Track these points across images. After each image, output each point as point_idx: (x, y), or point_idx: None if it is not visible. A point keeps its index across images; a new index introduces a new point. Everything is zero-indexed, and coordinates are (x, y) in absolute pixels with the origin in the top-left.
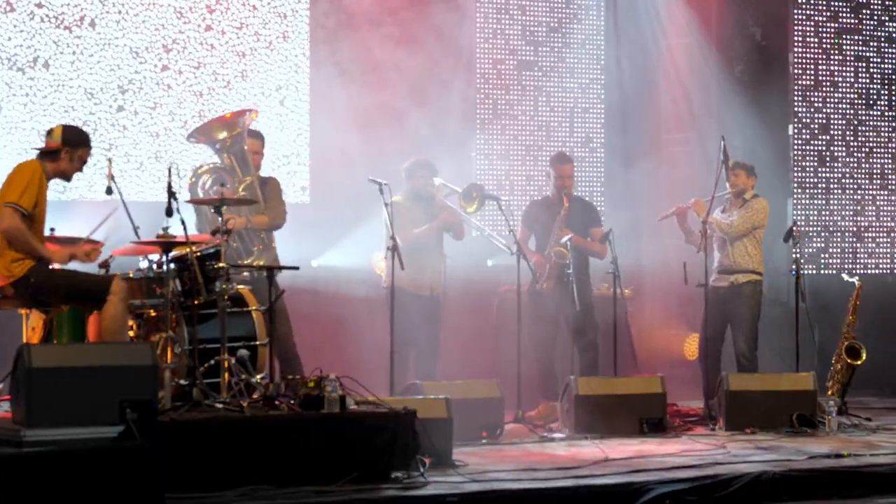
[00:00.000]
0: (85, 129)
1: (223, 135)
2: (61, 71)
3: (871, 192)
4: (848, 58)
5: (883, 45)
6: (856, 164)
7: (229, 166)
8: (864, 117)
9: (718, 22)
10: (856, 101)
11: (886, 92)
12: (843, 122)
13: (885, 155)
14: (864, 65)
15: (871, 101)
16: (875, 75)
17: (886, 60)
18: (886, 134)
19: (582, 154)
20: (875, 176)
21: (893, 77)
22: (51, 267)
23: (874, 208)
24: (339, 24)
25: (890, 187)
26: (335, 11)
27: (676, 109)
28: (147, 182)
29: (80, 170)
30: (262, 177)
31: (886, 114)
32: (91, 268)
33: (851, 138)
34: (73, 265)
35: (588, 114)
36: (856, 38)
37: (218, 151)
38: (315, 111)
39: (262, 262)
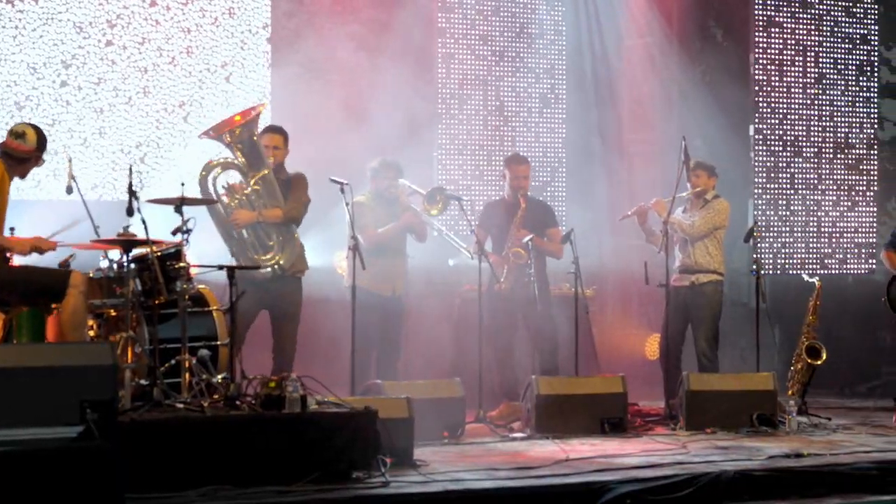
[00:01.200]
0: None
1: (235, 133)
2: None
3: (831, 192)
4: (808, 59)
5: (843, 45)
6: (816, 165)
7: (241, 160)
8: (824, 118)
9: (679, 22)
10: (816, 102)
11: (847, 93)
12: (804, 122)
13: (846, 156)
14: (824, 65)
15: (832, 102)
16: (835, 76)
17: (847, 61)
18: (845, 134)
19: (544, 154)
20: (836, 177)
21: (854, 78)
22: (9, 264)
23: (834, 209)
24: (301, 24)
25: (850, 188)
26: (297, 12)
27: (638, 110)
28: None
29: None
30: (289, 173)
31: (847, 115)
32: (51, 265)
33: (812, 139)
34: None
35: (550, 113)
36: (816, 38)
37: (228, 146)
38: (276, 110)
39: (282, 259)
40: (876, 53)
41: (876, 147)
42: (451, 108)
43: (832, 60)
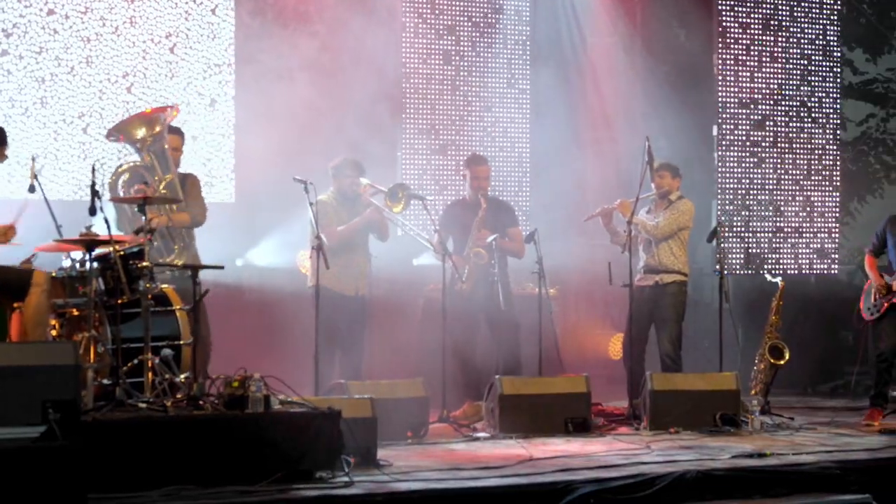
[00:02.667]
0: None
1: (142, 132)
2: None
3: (794, 192)
4: (771, 59)
5: (806, 46)
6: (779, 165)
7: (150, 164)
8: (788, 119)
9: (643, 23)
10: (780, 102)
11: (809, 94)
12: (768, 123)
13: (809, 156)
14: (787, 66)
15: (795, 103)
16: (798, 77)
17: (810, 62)
18: (808, 134)
19: (508, 154)
20: (799, 177)
21: (817, 79)
22: None
23: (797, 209)
24: (264, 24)
25: (814, 188)
26: (260, 11)
27: (601, 110)
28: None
29: None
30: (181, 173)
31: (810, 115)
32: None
33: (775, 139)
34: None
35: (514, 113)
36: (779, 39)
37: (138, 150)
38: (239, 109)
39: (182, 261)
40: (838, 55)
41: (838, 147)
42: (415, 108)
43: (795, 61)
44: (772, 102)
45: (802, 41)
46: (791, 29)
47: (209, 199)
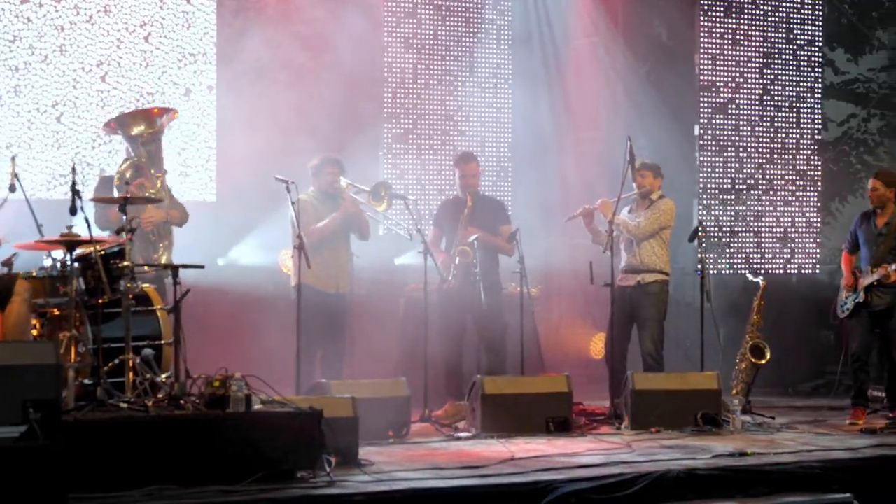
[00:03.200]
0: None
1: (141, 128)
2: None
3: (775, 192)
4: (753, 59)
5: (787, 46)
6: (761, 165)
7: (147, 162)
8: (769, 118)
9: (625, 22)
10: (761, 102)
11: (791, 93)
12: (749, 122)
13: (790, 156)
14: (769, 66)
15: (776, 103)
16: (779, 76)
17: (791, 62)
18: (790, 134)
19: (491, 153)
20: (780, 177)
21: (798, 79)
22: None
23: (779, 209)
24: (246, 23)
25: (795, 188)
26: (243, 10)
27: (583, 109)
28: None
29: None
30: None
31: (791, 115)
32: None
33: (757, 139)
34: None
35: (496, 113)
36: (761, 39)
37: (133, 144)
38: (221, 108)
39: (163, 259)
40: (819, 55)
41: (820, 147)
42: (397, 108)
43: (777, 61)
44: (753, 102)
45: (784, 41)
46: (773, 29)
47: (188, 195)
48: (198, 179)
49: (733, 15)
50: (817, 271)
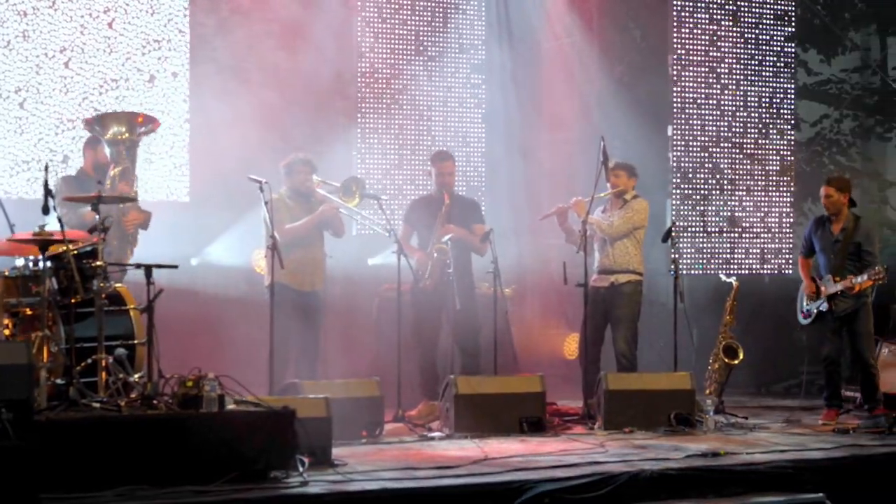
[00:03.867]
0: None
1: (122, 130)
2: None
3: (749, 193)
4: (726, 59)
5: (761, 47)
6: (734, 166)
7: (127, 164)
8: (742, 118)
9: (599, 23)
10: (734, 102)
11: (764, 94)
12: (723, 123)
13: (764, 156)
14: (742, 67)
15: (749, 103)
16: (753, 78)
17: (765, 63)
18: (763, 134)
19: (464, 153)
20: (754, 177)
21: (771, 80)
22: None
23: (751, 209)
24: (219, 22)
25: (768, 188)
26: (215, 9)
27: (557, 109)
28: None
29: None
30: None
31: (764, 116)
32: None
33: (730, 140)
34: None
35: (470, 112)
36: (734, 40)
37: (112, 144)
38: (194, 108)
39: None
40: (793, 55)
41: (793, 148)
42: (370, 107)
43: (750, 62)
44: (727, 103)
45: (757, 42)
46: (746, 30)
47: (159, 194)
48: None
49: (707, 16)
50: (790, 271)
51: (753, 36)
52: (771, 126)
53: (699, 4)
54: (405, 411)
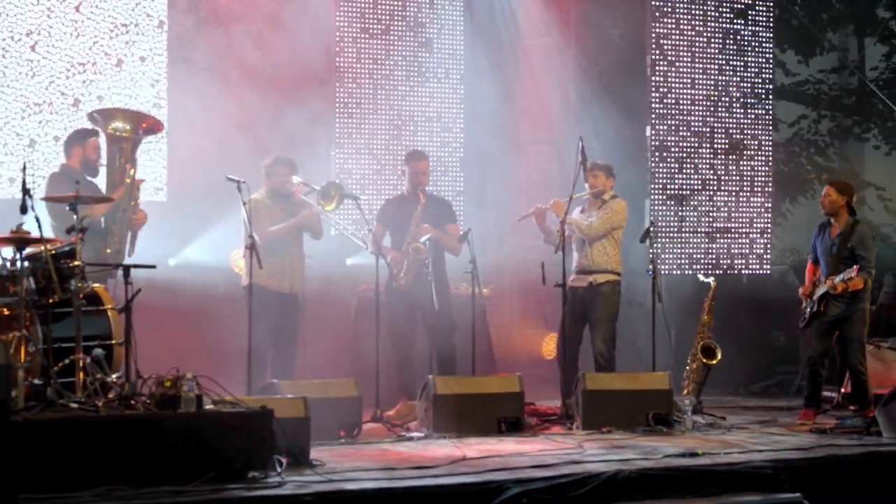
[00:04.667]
0: None
1: (125, 127)
2: None
3: (726, 193)
4: (704, 60)
5: (739, 48)
6: (712, 166)
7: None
8: (720, 119)
9: (577, 23)
10: (712, 103)
11: (742, 95)
12: (700, 123)
13: (741, 157)
14: (720, 67)
15: (727, 104)
16: (731, 78)
17: (743, 64)
18: (741, 135)
19: (441, 153)
20: (731, 178)
21: (749, 80)
22: None
23: (730, 210)
24: (198, 22)
25: (746, 189)
26: (194, 9)
27: (536, 110)
28: None
29: None
30: None
31: (742, 116)
32: None
33: (708, 140)
34: None
35: (448, 113)
36: (712, 41)
37: (113, 143)
38: (172, 108)
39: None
40: (770, 56)
41: (771, 148)
42: (348, 107)
43: (728, 63)
44: (705, 103)
45: (735, 42)
46: (724, 30)
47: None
48: (149, 180)
49: (685, 17)
50: (768, 272)
51: (731, 36)
52: (749, 127)
53: (677, 5)
54: (383, 411)
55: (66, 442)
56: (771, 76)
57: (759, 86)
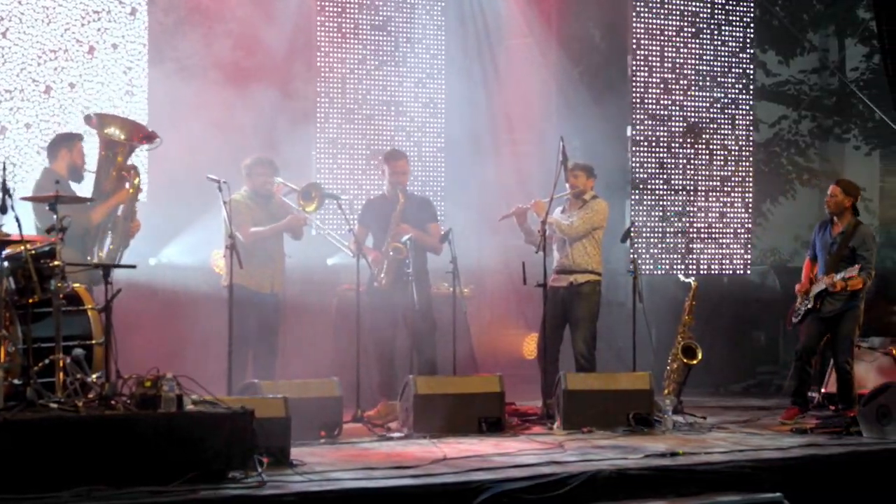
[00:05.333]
0: None
1: (121, 136)
2: None
3: (707, 193)
4: (686, 61)
5: (720, 48)
6: (693, 166)
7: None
8: (701, 119)
9: (558, 23)
10: (693, 104)
11: (723, 95)
12: (681, 123)
13: (722, 157)
14: (701, 68)
15: (708, 104)
16: (711, 79)
17: (723, 64)
18: (722, 135)
19: (423, 152)
20: (712, 178)
21: (730, 81)
22: None
23: (711, 210)
24: (179, 21)
25: (727, 189)
26: (174, 8)
27: (517, 110)
28: None
29: None
30: None
31: (723, 116)
32: None
33: (689, 140)
34: None
35: (429, 112)
36: (693, 41)
37: (108, 148)
38: (153, 107)
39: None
40: (752, 56)
41: (751, 149)
42: (330, 106)
43: (708, 62)
44: (686, 103)
45: (716, 43)
46: (705, 30)
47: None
48: None
49: (666, 17)
50: (748, 272)
51: (712, 37)
52: (730, 127)
53: (658, 5)
54: (364, 411)
55: (46, 442)
56: (751, 76)
57: (740, 86)
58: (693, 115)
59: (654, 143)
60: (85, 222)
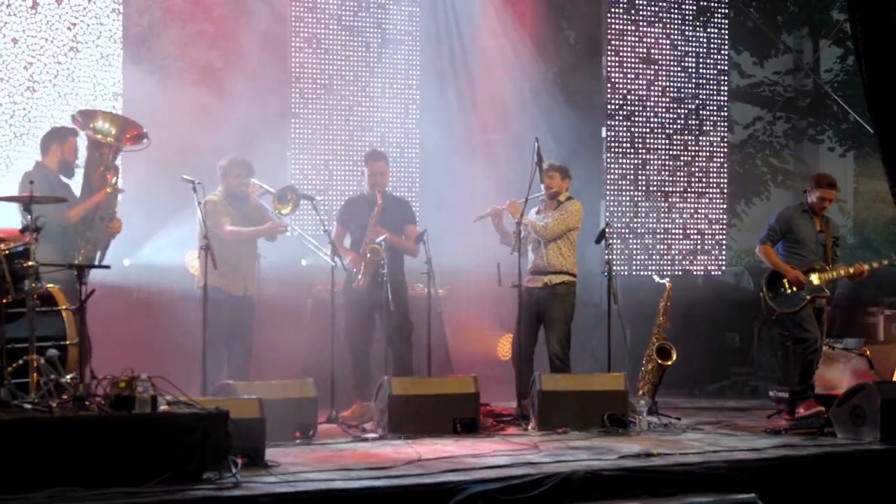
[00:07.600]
0: None
1: (111, 132)
2: None
3: (681, 194)
4: (660, 61)
5: (695, 49)
6: (668, 167)
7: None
8: (676, 120)
9: (533, 24)
10: (667, 104)
11: (698, 96)
12: (656, 125)
13: (697, 158)
14: (676, 69)
15: (683, 105)
16: (686, 80)
17: (698, 65)
18: (696, 136)
19: (398, 153)
20: (687, 179)
21: (704, 82)
22: None
23: (685, 211)
24: (154, 22)
25: (702, 190)
26: (149, 9)
27: (492, 110)
28: None
29: None
30: None
31: (698, 117)
32: None
33: (664, 142)
34: None
35: (403, 114)
36: (668, 42)
37: (93, 147)
38: (128, 108)
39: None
40: (726, 57)
41: (726, 149)
42: (305, 107)
43: (683, 64)
44: (660, 105)
45: (691, 44)
46: (679, 32)
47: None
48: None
49: (640, 18)
50: (723, 273)
51: (686, 38)
52: (704, 128)
53: (632, 6)
54: (339, 412)
55: (20, 443)
56: (726, 78)
57: (715, 87)
58: (668, 116)
59: (628, 144)
60: (62, 220)
